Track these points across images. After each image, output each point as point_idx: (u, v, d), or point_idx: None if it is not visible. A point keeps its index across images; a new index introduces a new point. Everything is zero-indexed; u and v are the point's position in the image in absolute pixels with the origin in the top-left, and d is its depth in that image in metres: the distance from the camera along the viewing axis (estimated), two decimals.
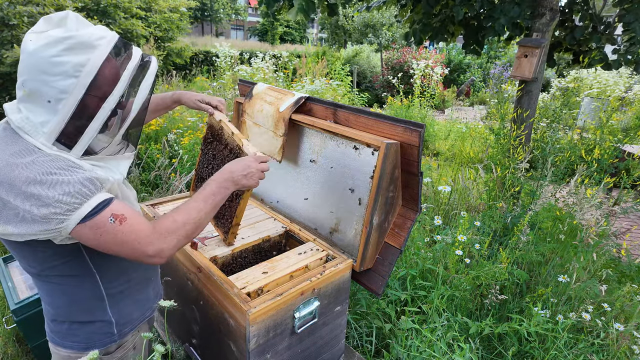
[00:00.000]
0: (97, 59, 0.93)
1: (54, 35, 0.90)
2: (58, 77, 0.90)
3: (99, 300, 1.14)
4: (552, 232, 2.66)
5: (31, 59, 0.90)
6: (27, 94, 0.93)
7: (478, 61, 14.63)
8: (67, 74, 0.90)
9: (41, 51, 0.89)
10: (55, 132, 0.94)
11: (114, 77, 0.97)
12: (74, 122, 0.95)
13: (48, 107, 0.93)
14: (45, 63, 0.89)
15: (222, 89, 6.31)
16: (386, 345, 2.21)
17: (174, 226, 1.07)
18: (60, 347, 1.17)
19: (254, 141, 1.97)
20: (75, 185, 0.92)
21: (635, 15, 2.79)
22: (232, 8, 26.65)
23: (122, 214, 0.99)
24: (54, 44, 0.90)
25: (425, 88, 8.68)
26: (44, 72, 0.90)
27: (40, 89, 0.91)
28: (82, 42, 0.92)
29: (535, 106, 3.09)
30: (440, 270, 2.19)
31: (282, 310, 1.34)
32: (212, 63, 12.08)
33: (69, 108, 0.93)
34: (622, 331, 1.95)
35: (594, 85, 8.67)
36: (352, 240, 1.64)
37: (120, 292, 1.19)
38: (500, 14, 2.85)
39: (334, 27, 16.05)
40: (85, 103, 0.95)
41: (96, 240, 0.97)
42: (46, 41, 0.90)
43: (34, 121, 0.94)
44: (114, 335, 1.20)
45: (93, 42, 0.94)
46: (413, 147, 1.44)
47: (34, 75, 0.90)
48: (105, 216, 0.96)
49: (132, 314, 1.24)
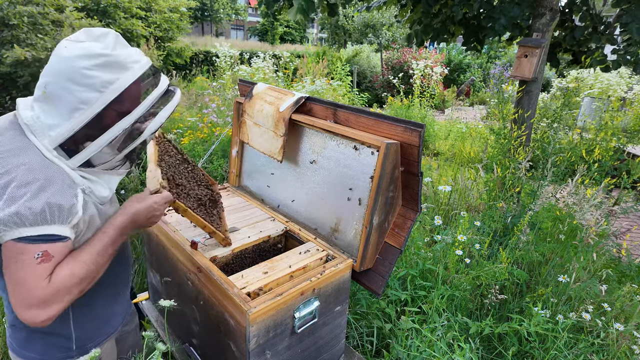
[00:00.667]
0: (126, 81, 0.96)
1: (90, 49, 0.93)
2: (83, 88, 0.92)
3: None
4: (552, 232, 2.66)
5: (62, 64, 0.92)
6: (45, 95, 0.94)
7: (478, 61, 14.63)
8: (93, 88, 0.93)
9: (74, 60, 0.91)
10: (61, 137, 0.95)
11: (135, 99, 1.00)
12: (85, 131, 0.96)
13: (63, 112, 0.94)
14: (75, 72, 0.91)
15: (222, 89, 6.30)
16: (386, 345, 2.21)
17: (72, 282, 0.96)
18: (17, 356, 1.14)
19: (255, 141, 1.97)
20: (41, 204, 0.90)
21: (632, 16, 2.79)
22: (232, 8, 26.65)
23: (52, 257, 0.93)
24: (89, 57, 0.92)
25: (425, 88, 8.68)
26: (71, 80, 0.92)
27: (61, 95, 0.93)
28: (117, 62, 0.95)
29: (535, 106, 3.09)
30: (440, 270, 2.19)
31: (282, 310, 1.34)
32: (212, 63, 12.07)
33: (84, 119, 0.94)
34: (622, 331, 1.95)
35: (594, 86, 8.67)
36: (352, 240, 1.64)
37: (85, 305, 1.14)
38: (500, 15, 2.85)
39: (334, 27, 16.04)
40: (102, 117, 0.96)
41: (8, 261, 0.92)
42: (82, 52, 0.92)
43: (44, 122, 0.95)
44: (72, 351, 1.16)
45: (127, 64, 0.97)
46: (413, 147, 1.44)
47: (60, 81, 0.92)
48: (38, 248, 0.92)
49: (96, 330, 1.21)
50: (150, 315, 2.03)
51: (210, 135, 4.09)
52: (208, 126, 4.25)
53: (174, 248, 1.65)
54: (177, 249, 1.62)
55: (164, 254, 1.77)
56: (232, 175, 2.29)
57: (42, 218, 0.90)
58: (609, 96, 7.77)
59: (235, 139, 2.20)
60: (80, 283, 0.99)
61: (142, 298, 2.11)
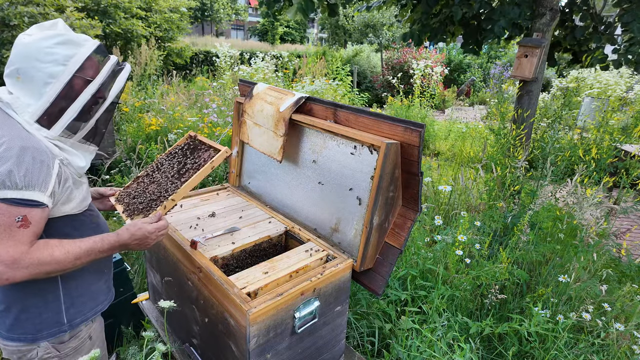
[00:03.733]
0: (84, 53, 1.12)
1: (48, 32, 1.08)
2: (49, 64, 1.06)
3: (52, 279, 1.15)
4: (552, 232, 2.66)
5: (26, 49, 1.06)
6: (20, 80, 1.07)
7: (478, 61, 14.62)
8: (57, 62, 1.07)
9: (37, 42, 1.06)
10: (40, 110, 1.07)
11: (95, 69, 1.15)
12: (59, 102, 1.09)
13: (36, 90, 1.07)
14: (40, 52, 1.06)
15: (222, 89, 6.31)
16: (386, 345, 2.20)
17: (46, 260, 1.04)
18: (8, 341, 1.17)
19: (255, 141, 1.97)
20: (24, 170, 1.00)
21: (633, 15, 2.79)
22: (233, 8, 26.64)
23: (30, 223, 1.02)
24: (49, 38, 1.07)
25: (426, 88, 8.68)
26: (37, 60, 1.06)
27: (32, 74, 1.06)
28: (72, 39, 1.11)
29: (535, 106, 3.09)
30: (440, 270, 2.19)
31: (283, 310, 1.35)
32: (212, 63, 12.07)
33: (55, 91, 1.08)
34: (622, 331, 1.95)
35: (594, 85, 8.67)
36: (353, 240, 1.64)
37: (73, 278, 1.21)
38: (500, 16, 2.85)
39: (334, 27, 16.03)
40: (71, 86, 1.10)
41: None
42: (42, 36, 1.07)
43: (23, 101, 1.08)
44: (63, 325, 1.21)
45: (81, 42, 1.13)
46: (413, 147, 1.44)
47: (29, 62, 1.06)
48: (18, 212, 1.00)
49: (85, 304, 1.26)
50: (151, 316, 2.03)
51: (210, 135, 4.09)
52: (208, 126, 4.25)
53: (174, 248, 1.65)
54: (177, 249, 1.62)
55: (164, 253, 1.77)
56: (232, 175, 2.29)
57: (25, 182, 1.00)
58: (609, 96, 7.77)
59: (236, 139, 2.20)
60: (53, 267, 1.06)
61: (142, 298, 2.11)
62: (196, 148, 1.68)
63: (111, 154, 3.96)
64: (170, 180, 1.55)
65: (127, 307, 2.12)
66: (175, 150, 1.73)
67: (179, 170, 1.59)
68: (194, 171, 1.52)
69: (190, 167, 1.57)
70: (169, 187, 1.51)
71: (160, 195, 1.48)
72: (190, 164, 1.59)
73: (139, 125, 4.70)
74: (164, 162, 1.70)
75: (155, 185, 1.57)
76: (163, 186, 1.53)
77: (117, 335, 2.13)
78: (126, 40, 8.26)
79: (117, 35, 8.05)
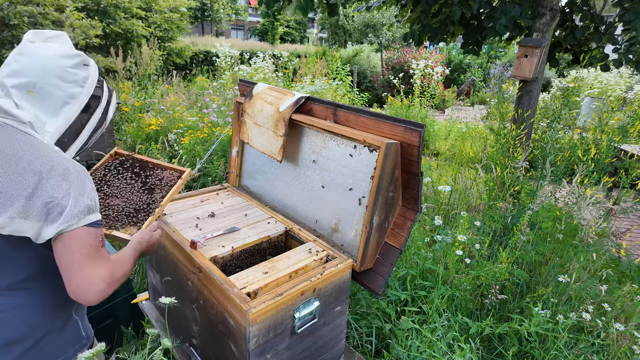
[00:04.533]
0: (95, 75, 1.13)
1: (66, 50, 1.07)
2: (71, 84, 1.05)
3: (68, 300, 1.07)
4: (552, 232, 2.66)
5: (45, 63, 1.01)
6: (33, 94, 1.02)
7: (478, 61, 14.62)
8: (77, 84, 1.07)
9: (58, 60, 1.03)
10: (58, 132, 1.05)
11: (98, 87, 1.16)
12: (74, 124, 1.09)
13: (52, 108, 1.04)
14: (61, 70, 1.03)
15: (222, 89, 6.30)
16: (386, 345, 2.20)
17: (126, 269, 1.11)
18: None
19: (255, 141, 1.97)
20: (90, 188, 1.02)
21: (635, 14, 2.79)
22: (232, 8, 26.64)
23: (103, 240, 1.06)
24: (70, 57, 1.06)
25: (426, 88, 8.68)
26: (58, 78, 1.03)
27: (51, 91, 1.03)
28: (85, 61, 1.10)
29: (535, 106, 3.09)
30: (440, 270, 2.19)
31: (282, 310, 1.35)
32: (212, 63, 12.08)
33: (74, 112, 1.07)
34: (622, 331, 1.94)
35: (594, 85, 8.67)
36: (352, 240, 1.64)
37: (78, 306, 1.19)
38: (501, 14, 2.85)
39: (334, 27, 16.04)
40: (86, 108, 1.11)
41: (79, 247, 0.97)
42: (62, 52, 1.05)
43: (40, 119, 1.03)
44: (83, 339, 1.17)
45: (89, 62, 1.14)
46: (413, 147, 1.44)
47: (47, 79, 1.02)
48: (97, 232, 1.02)
49: (85, 316, 1.23)
50: (151, 315, 2.03)
51: (210, 135, 4.09)
52: (208, 126, 4.25)
53: (174, 248, 1.65)
54: (177, 249, 1.62)
55: (164, 253, 1.77)
56: (232, 175, 2.29)
57: (95, 204, 1.03)
58: (609, 96, 7.78)
59: (236, 138, 2.20)
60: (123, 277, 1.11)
61: (142, 298, 2.11)
62: (143, 167, 1.67)
63: None
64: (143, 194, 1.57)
65: (127, 307, 2.12)
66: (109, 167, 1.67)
67: (145, 185, 1.61)
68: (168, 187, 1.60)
69: (159, 184, 1.61)
70: (145, 199, 1.54)
71: (145, 204, 1.52)
72: (153, 180, 1.62)
73: (138, 125, 4.70)
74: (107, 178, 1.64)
75: (119, 199, 1.55)
76: (137, 199, 1.55)
77: (117, 335, 2.13)
78: (126, 40, 8.26)
79: (117, 35, 8.06)
